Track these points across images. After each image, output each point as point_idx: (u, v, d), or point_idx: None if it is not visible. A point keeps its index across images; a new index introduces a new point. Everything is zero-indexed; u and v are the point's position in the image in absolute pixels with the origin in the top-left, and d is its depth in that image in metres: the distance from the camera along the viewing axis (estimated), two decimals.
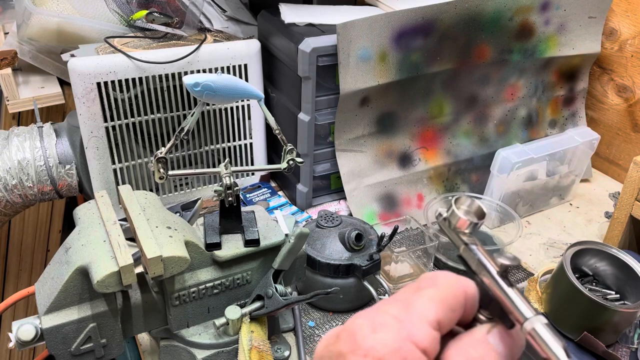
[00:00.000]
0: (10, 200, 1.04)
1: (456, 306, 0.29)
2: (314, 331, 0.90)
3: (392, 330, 0.27)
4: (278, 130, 0.64)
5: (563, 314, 0.86)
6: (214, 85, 0.61)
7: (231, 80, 0.62)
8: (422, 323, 0.28)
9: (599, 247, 0.90)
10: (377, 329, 0.28)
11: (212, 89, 0.61)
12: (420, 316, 0.28)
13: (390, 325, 0.28)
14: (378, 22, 0.97)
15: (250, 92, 0.63)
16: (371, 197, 1.12)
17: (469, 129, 1.20)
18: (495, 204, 1.12)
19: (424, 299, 0.29)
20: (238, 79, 0.63)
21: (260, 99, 0.65)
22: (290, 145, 0.63)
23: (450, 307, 0.29)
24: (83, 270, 0.61)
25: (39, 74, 1.29)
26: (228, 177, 0.56)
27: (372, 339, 0.27)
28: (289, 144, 0.63)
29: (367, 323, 0.28)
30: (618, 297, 0.90)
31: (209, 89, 0.61)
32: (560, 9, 1.15)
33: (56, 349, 0.63)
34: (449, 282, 0.30)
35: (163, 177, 0.62)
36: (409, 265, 1.02)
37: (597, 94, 1.34)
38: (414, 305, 0.28)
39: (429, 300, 0.29)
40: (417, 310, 0.28)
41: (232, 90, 0.62)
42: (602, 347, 0.81)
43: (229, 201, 0.55)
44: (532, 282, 0.93)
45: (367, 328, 0.28)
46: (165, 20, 1.07)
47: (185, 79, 0.61)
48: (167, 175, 0.63)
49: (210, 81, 0.61)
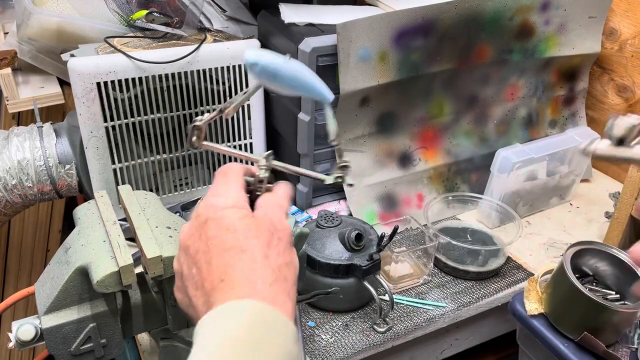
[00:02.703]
0: (10, 200, 1.04)
1: (243, 175, 0.50)
2: (314, 331, 0.90)
3: (225, 195, 0.47)
4: (336, 142, 0.55)
5: (563, 314, 0.86)
6: (275, 71, 0.51)
7: (298, 71, 0.52)
8: (237, 188, 0.48)
9: (599, 247, 0.90)
10: (218, 197, 0.47)
11: (271, 74, 0.51)
12: (235, 185, 0.48)
13: (223, 193, 0.47)
14: (378, 22, 0.97)
15: (317, 91, 0.52)
16: (371, 197, 1.11)
17: (469, 129, 1.20)
18: (495, 204, 1.12)
19: (231, 176, 0.49)
20: (309, 71, 0.53)
21: (328, 102, 0.54)
22: (347, 161, 0.55)
23: (242, 176, 0.50)
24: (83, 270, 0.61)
25: (39, 74, 1.29)
26: (264, 170, 0.52)
27: (220, 202, 0.46)
28: (346, 161, 0.55)
29: (211, 196, 0.47)
30: (618, 297, 0.90)
31: (268, 73, 0.51)
32: (560, 8, 1.15)
33: (56, 349, 0.63)
34: (235, 165, 0.51)
35: (195, 145, 0.55)
36: (409, 265, 1.02)
37: (597, 93, 1.34)
38: (229, 181, 0.49)
39: (234, 176, 0.49)
40: (232, 182, 0.48)
41: (296, 82, 0.52)
42: (602, 347, 0.81)
43: (256, 195, 0.51)
44: (532, 282, 0.93)
45: (213, 198, 0.47)
46: (165, 20, 1.07)
47: (245, 53, 0.52)
48: (201, 144, 0.55)
49: (273, 65, 0.51)
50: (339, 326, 0.91)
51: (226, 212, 0.45)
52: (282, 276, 0.43)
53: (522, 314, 0.90)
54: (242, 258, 0.43)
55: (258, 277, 0.42)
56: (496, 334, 1.09)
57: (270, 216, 0.46)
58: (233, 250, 0.43)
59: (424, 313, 0.94)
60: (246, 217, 0.45)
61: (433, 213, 1.09)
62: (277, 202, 0.49)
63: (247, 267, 0.42)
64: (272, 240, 0.44)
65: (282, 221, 0.47)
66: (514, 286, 1.01)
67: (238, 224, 0.44)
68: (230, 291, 0.41)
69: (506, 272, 1.04)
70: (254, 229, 0.45)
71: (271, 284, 0.42)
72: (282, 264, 0.44)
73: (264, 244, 0.44)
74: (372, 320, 0.92)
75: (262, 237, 0.44)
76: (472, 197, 1.15)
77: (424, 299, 0.97)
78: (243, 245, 0.43)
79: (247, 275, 0.42)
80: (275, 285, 0.42)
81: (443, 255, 1.03)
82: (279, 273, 0.43)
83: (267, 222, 0.46)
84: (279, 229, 0.46)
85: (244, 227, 0.44)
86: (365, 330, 0.90)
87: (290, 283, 0.44)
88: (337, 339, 0.89)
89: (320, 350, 0.86)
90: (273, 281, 0.42)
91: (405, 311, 0.94)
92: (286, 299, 0.42)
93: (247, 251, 0.43)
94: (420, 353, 0.99)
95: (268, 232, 0.45)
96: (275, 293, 0.41)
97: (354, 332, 0.90)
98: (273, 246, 0.44)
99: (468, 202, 1.16)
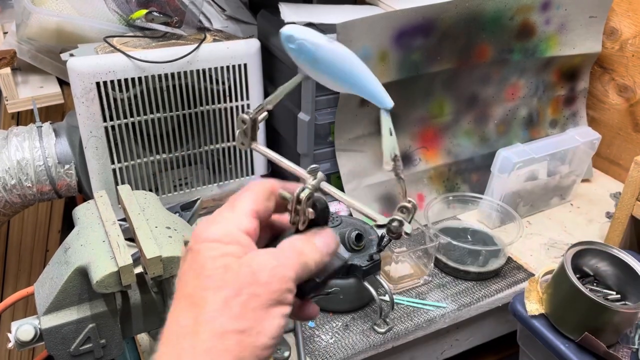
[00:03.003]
0: (9, 201, 1.04)
1: (269, 197, 0.39)
2: (314, 332, 0.89)
3: (221, 225, 0.37)
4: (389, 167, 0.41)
5: (564, 315, 0.86)
6: (315, 51, 0.40)
7: (346, 59, 0.41)
8: (243, 216, 0.37)
9: (599, 247, 0.90)
10: (210, 224, 0.37)
11: (310, 56, 0.40)
12: (242, 210, 0.38)
13: (220, 220, 0.37)
14: (378, 21, 0.96)
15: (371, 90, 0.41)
16: (371, 197, 1.11)
17: (469, 129, 1.20)
18: (495, 204, 1.12)
19: (242, 198, 0.39)
20: (360, 62, 0.42)
21: (386, 108, 0.41)
22: (411, 202, 0.39)
23: (264, 198, 0.39)
24: (82, 270, 0.61)
25: (38, 74, 1.29)
26: (308, 190, 0.39)
27: (207, 231, 0.37)
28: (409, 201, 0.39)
29: (205, 222, 0.38)
30: (619, 298, 0.90)
31: (306, 53, 0.40)
32: (561, 8, 1.14)
33: (55, 349, 0.63)
34: (258, 183, 0.40)
35: (244, 145, 0.45)
36: (409, 266, 1.02)
37: (598, 93, 1.33)
38: (236, 204, 0.38)
39: (246, 198, 0.39)
40: (239, 207, 0.38)
41: (343, 73, 0.41)
42: (603, 347, 0.81)
43: (294, 219, 0.40)
44: (532, 283, 0.93)
45: (205, 225, 0.37)
46: (165, 19, 1.07)
47: (283, 28, 0.41)
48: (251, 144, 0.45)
49: (311, 42, 0.40)
50: (339, 327, 0.91)
51: (204, 246, 0.36)
52: (223, 347, 0.33)
53: (522, 315, 0.90)
54: (183, 316, 0.35)
55: (184, 348, 0.33)
56: (497, 334, 1.08)
57: (262, 263, 0.35)
58: (183, 300, 0.35)
59: (425, 313, 0.94)
60: (225, 256, 0.35)
61: (433, 213, 1.09)
62: (298, 249, 0.38)
63: (178, 331, 0.34)
64: (239, 296, 0.34)
65: (276, 274, 0.35)
66: (514, 286, 1.01)
67: (208, 265, 0.35)
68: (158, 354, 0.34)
69: (507, 272, 1.04)
70: (222, 274, 0.35)
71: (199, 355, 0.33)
72: (233, 330, 0.33)
73: (223, 298, 0.34)
74: (373, 321, 0.91)
75: (225, 289, 0.34)
76: (473, 197, 1.15)
77: (424, 300, 0.97)
78: (195, 295, 0.35)
79: (174, 343, 0.34)
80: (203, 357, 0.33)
81: (443, 256, 1.02)
82: (217, 342, 0.33)
83: (247, 270, 0.35)
84: (261, 281, 0.35)
85: (212, 270, 0.35)
86: (366, 331, 0.90)
87: (233, 355, 0.33)
88: (337, 339, 0.88)
89: (320, 350, 0.86)
90: (203, 352, 0.33)
91: (405, 311, 0.94)
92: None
93: (196, 307, 0.34)
94: (420, 354, 0.99)
95: (239, 283, 0.34)
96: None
97: (354, 332, 0.90)
98: (234, 304, 0.34)
99: (468, 202, 1.16)
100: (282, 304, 0.35)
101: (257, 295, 0.34)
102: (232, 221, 0.37)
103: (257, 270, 0.35)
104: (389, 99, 0.41)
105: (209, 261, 0.35)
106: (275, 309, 0.35)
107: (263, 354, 0.34)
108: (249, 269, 0.35)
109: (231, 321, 0.34)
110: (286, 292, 0.35)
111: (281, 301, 0.35)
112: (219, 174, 1.16)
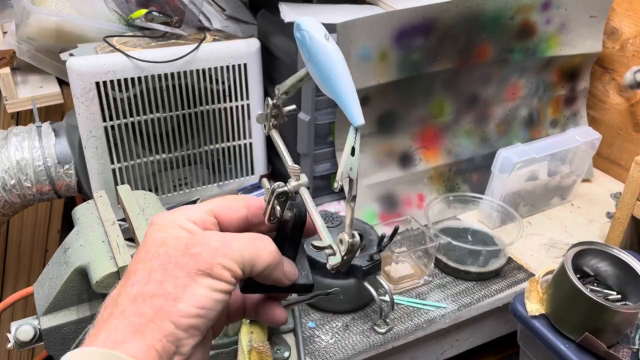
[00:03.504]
0: (8, 201, 1.04)
1: (233, 204, 0.40)
2: (314, 332, 0.89)
3: (173, 213, 0.38)
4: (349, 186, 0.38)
5: (564, 315, 0.86)
6: (310, 45, 0.38)
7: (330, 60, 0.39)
8: (196, 210, 0.38)
9: (600, 247, 0.90)
10: (166, 212, 0.38)
11: (307, 49, 0.39)
12: (198, 207, 0.39)
13: (175, 211, 0.38)
14: (378, 21, 0.96)
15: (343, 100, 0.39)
16: (371, 197, 1.11)
17: (469, 129, 1.19)
18: (496, 204, 1.12)
19: (207, 200, 0.40)
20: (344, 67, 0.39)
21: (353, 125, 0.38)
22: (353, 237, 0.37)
23: (227, 204, 0.40)
24: (82, 270, 0.61)
25: (38, 74, 1.29)
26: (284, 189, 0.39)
27: (159, 216, 0.37)
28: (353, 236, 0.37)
29: (163, 211, 0.41)
30: (619, 298, 0.90)
31: (305, 44, 0.39)
32: (561, 8, 1.14)
33: (55, 349, 0.63)
34: (232, 195, 0.43)
35: (265, 128, 0.46)
36: (410, 266, 1.02)
37: (599, 93, 1.33)
38: (200, 204, 0.39)
39: (209, 201, 0.40)
40: (199, 204, 0.39)
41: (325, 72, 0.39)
42: (603, 348, 0.81)
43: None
44: (533, 283, 0.92)
45: (161, 212, 0.40)
46: (165, 19, 1.07)
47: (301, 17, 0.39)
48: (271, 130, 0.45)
49: (310, 36, 0.38)
50: (339, 327, 0.90)
51: (152, 228, 0.37)
52: (136, 310, 0.33)
53: (523, 315, 0.90)
54: (115, 289, 0.35)
55: (103, 315, 0.34)
56: (497, 334, 1.08)
57: (203, 239, 0.35)
58: (123, 276, 0.36)
59: (425, 314, 0.94)
60: (167, 234, 0.36)
61: (434, 213, 1.09)
62: (254, 238, 0.37)
63: (107, 302, 0.35)
64: (166, 265, 0.34)
65: (209, 248, 0.35)
66: (514, 287, 1.01)
67: (148, 242, 0.36)
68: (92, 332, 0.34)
69: (507, 272, 1.04)
70: (156, 247, 0.35)
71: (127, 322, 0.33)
72: (148, 294, 0.33)
73: (150, 267, 0.34)
74: (373, 321, 0.91)
75: (155, 260, 0.35)
76: (473, 197, 1.15)
77: (424, 300, 0.97)
78: (129, 269, 0.35)
79: (100, 314, 0.35)
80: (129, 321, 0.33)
81: (444, 256, 1.02)
82: (131, 306, 0.33)
83: (181, 243, 0.35)
84: (191, 252, 0.34)
85: (150, 245, 0.36)
86: (366, 331, 0.90)
87: (147, 318, 0.33)
88: (338, 339, 0.88)
89: (320, 351, 0.86)
90: (118, 314, 0.33)
91: (405, 312, 0.94)
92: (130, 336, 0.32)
93: (126, 278, 0.35)
94: (420, 354, 0.99)
95: (169, 255, 0.35)
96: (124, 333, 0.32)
97: (354, 332, 0.89)
98: (158, 272, 0.34)
99: (469, 202, 1.16)
100: (211, 277, 0.34)
101: (183, 264, 0.34)
102: (185, 211, 0.38)
103: (191, 245, 0.35)
104: (361, 117, 0.38)
105: (150, 239, 0.36)
106: (203, 279, 0.34)
107: (182, 322, 0.33)
108: (184, 244, 0.35)
109: (149, 286, 0.34)
110: (219, 267, 0.34)
111: (212, 275, 0.34)
112: (219, 174, 1.16)
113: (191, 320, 0.33)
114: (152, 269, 0.34)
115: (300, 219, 0.40)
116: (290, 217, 0.40)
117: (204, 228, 0.38)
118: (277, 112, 0.45)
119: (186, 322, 0.33)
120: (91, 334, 0.34)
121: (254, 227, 0.41)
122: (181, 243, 0.35)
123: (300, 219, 0.40)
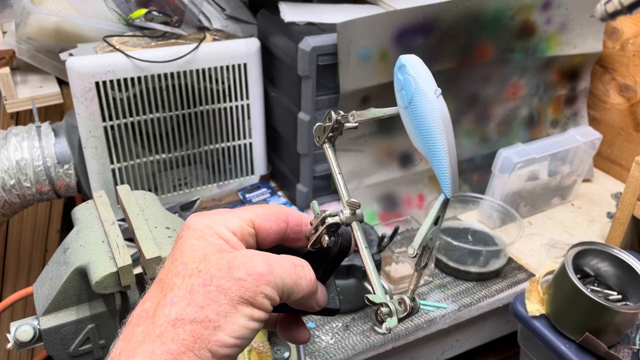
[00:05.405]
0: (8, 201, 1.03)
1: (273, 217, 0.38)
2: (314, 332, 0.89)
3: (211, 217, 0.36)
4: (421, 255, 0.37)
5: (565, 315, 0.86)
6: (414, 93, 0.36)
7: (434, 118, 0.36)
8: (237, 217, 0.37)
9: (600, 247, 0.90)
10: (203, 215, 0.36)
11: (409, 95, 0.36)
12: (238, 214, 0.37)
13: (212, 215, 0.36)
14: (378, 21, 0.96)
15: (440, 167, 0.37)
16: (371, 197, 1.11)
17: (470, 129, 1.19)
18: (496, 204, 1.11)
19: (246, 207, 0.38)
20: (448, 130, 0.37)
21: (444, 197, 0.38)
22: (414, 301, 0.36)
23: (267, 216, 0.38)
24: (81, 270, 0.61)
25: (38, 74, 1.29)
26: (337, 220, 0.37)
27: (196, 220, 0.36)
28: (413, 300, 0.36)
29: (199, 214, 0.37)
30: (620, 298, 0.90)
31: (407, 89, 0.36)
32: (561, 7, 1.14)
33: (55, 350, 0.63)
34: (272, 205, 0.40)
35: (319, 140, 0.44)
36: (410, 266, 1.02)
37: (599, 93, 1.33)
38: (237, 209, 0.38)
39: (249, 209, 0.38)
40: (237, 210, 0.38)
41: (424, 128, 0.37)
42: (603, 348, 0.80)
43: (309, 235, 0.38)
44: (533, 283, 0.92)
45: (197, 215, 0.37)
46: (164, 19, 1.07)
47: (405, 55, 0.37)
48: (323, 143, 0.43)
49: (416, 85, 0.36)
50: (339, 327, 0.90)
51: (188, 233, 0.35)
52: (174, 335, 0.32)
53: (523, 315, 0.90)
54: (149, 300, 0.34)
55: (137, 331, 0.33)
56: (497, 335, 1.08)
57: (246, 261, 0.33)
58: (155, 284, 0.35)
59: (425, 314, 0.94)
60: (206, 246, 0.34)
61: None
62: (297, 264, 0.36)
63: (140, 314, 0.34)
64: (207, 286, 0.32)
65: (254, 274, 0.33)
66: (515, 287, 1.01)
67: (186, 252, 0.34)
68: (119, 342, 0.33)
69: (507, 272, 1.04)
70: (197, 263, 0.33)
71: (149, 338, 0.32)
72: (189, 319, 0.32)
73: (190, 286, 0.33)
74: (373, 321, 0.91)
75: (196, 278, 0.33)
76: (473, 197, 1.15)
77: (424, 300, 0.96)
78: (166, 280, 0.34)
79: (132, 325, 0.33)
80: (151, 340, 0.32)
81: (444, 256, 1.02)
82: (170, 329, 0.32)
83: (224, 264, 0.33)
84: (234, 276, 0.33)
85: (189, 257, 0.34)
86: (366, 332, 0.90)
87: (185, 346, 0.31)
88: (338, 340, 0.88)
89: (320, 351, 0.86)
90: (156, 337, 0.32)
91: None
92: None
93: (162, 291, 0.33)
94: (421, 354, 0.99)
95: (211, 274, 0.33)
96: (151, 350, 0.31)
97: (354, 333, 0.89)
98: (199, 293, 0.32)
99: (469, 202, 1.16)
100: (252, 306, 0.33)
101: (226, 289, 0.32)
102: (224, 217, 0.36)
103: (235, 266, 0.33)
104: (456, 189, 0.37)
105: (189, 248, 0.34)
106: (244, 308, 0.33)
107: (219, 352, 0.32)
108: (227, 263, 0.33)
109: (189, 309, 0.32)
110: (261, 296, 0.33)
111: (253, 303, 0.33)
112: (219, 174, 1.16)
113: (228, 350, 0.32)
114: (192, 289, 0.33)
115: (346, 251, 0.39)
116: (334, 246, 0.38)
117: (242, 239, 0.36)
118: (338, 127, 0.44)
119: (223, 352, 0.32)
120: (122, 351, 0.32)
121: (289, 241, 0.39)
122: (224, 262, 0.33)
123: (345, 250, 0.39)
